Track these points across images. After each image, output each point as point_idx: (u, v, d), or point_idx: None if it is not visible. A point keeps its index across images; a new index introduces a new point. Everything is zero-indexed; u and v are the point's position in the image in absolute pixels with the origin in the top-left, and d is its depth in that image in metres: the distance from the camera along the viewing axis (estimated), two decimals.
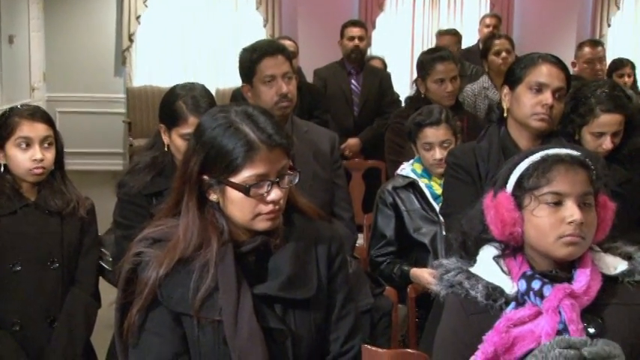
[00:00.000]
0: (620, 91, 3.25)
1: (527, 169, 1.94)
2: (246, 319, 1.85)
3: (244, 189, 1.86)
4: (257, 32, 9.47)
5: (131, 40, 9.85)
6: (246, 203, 1.88)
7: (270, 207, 1.88)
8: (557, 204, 1.89)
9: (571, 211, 1.87)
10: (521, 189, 1.93)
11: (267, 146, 1.85)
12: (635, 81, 6.50)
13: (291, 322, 1.94)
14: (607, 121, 3.13)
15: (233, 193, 1.88)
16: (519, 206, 1.93)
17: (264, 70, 3.16)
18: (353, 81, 6.23)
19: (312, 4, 9.14)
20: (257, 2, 9.65)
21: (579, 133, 3.18)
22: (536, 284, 1.88)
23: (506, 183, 1.97)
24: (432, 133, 3.51)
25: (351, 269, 3.13)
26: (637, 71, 6.73)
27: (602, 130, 3.13)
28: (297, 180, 1.96)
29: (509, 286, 1.93)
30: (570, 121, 3.13)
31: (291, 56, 3.35)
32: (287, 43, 5.45)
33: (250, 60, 3.19)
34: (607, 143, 3.13)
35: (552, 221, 1.88)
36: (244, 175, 1.85)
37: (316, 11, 9.00)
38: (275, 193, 1.88)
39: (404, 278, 3.40)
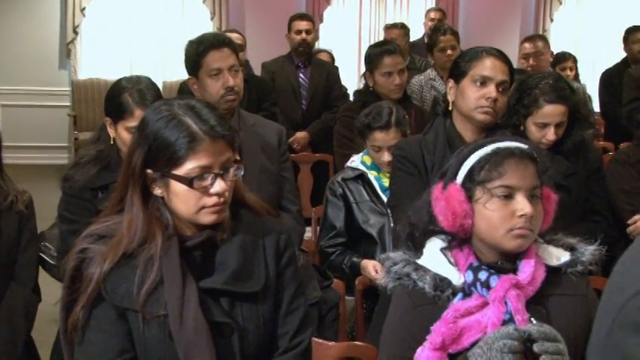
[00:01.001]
0: (564, 83, 3.31)
1: (478, 161, 1.96)
2: (191, 313, 1.84)
3: (187, 181, 1.85)
4: (204, 25, 9.42)
5: (76, 33, 9.70)
6: (190, 196, 1.86)
7: (215, 199, 1.87)
8: (508, 197, 1.92)
9: (522, 204, 1.91)
10: (472, 181, 1.96)
11: (210, 137, 1.85)
12: (577, 75, 6.63)
13: (238, 315, 1.94)
14: (550, 111, 3.18)
15: (177, 186, 1.87)
16: (470, 198, 1.95)
17: (210, 63, 3.14)
18: (301, 74, 6.23)
19: None
20: None
21: (524, 124, 3.23)
22: (482, 275, 1.91)
23: (456, 175, 1.99)
24: (382, 138, 3.52)
25: (299, 262, 3.15)
26: (579, 65, 6.88)
27: (545, 120, 3.18)
28: (242, 173, 1.96)
29: (456, 278, 1.95)
30: (515, 113, 3.18)
31: (237, 49, 3.33)
32: (234, 35, 5.42)
33: (196, 53, 3.17)
34: (550, 134, 3.19)
35: (503, 214, 1.91)
36: (187, 167, 1.85)
37: (264, 4, 8.97)
38: (219, 186, 1.87)
39: (353, 270, 3.43)
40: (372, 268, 3.29)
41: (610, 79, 6.65)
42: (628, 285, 1.11)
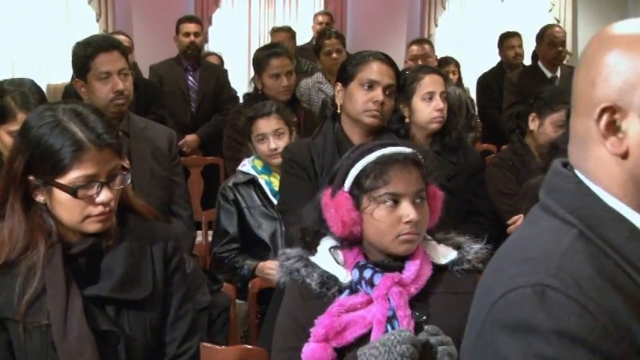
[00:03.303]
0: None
1: (363, 169, 2.01)
2: (75, 322, 1.80)
3: (72, 190, 1.80)
4: (90, 27, 9.19)
5: None
6: (74, 205, 1.82)
7: (100, 209, 1.83)
8: (394, 203, 1.98)
9: (407, 210, 1.97)
10: (359, 189, 2.00)
11: (97, 146, 1.80)
12: (460, 78, 6.84)
13: (124, 323, 1.91)
14: (431, 80, 3.34)
15: (60, 195, 1.82)
16: (357, 206, 2.00)
17: (99, 66, 3.09)
18: (190, 77, 6.18)
19: None
20: None
21: (410, 107, 3.32)
22: (367, 273, 1.97)
23: (344, 182, 2.03)
24: (264, 124, 3.54)
25: (189, 267, 3.13)
26: (462, 69, 7.09)
27: (430, 89, 3.32)
28: (129, 180, 1.92)
29: (344, 275, 2.00)
30: (399, 102, 3.23)
31: (126, 52, 3.29)
32: (121, 38, 5.33)
33: (84, 55, 3.10)
34: (438, 101, 3.32)
35: (390, 221, 1.97)
36: (72, 176, 1.80)
37: (151, 6, 8.83)
38: (105, 195, 1.83)
39: (249, 273, 3.42)
40: (269, 265, 3.30)
41: (486, 84, 6.87)
42: (496, 286, 1.14)
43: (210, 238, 3.91)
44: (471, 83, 7.31)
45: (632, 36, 1.15)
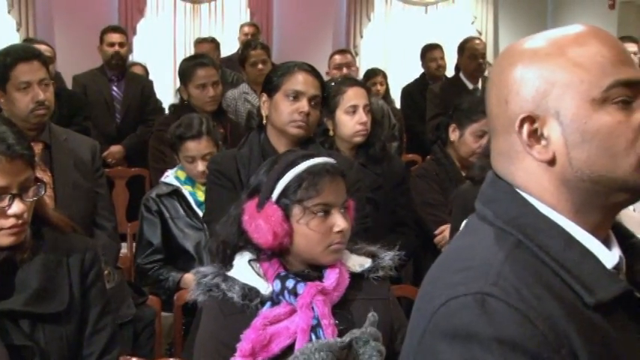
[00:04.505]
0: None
1: (293, 180, 2.01)
2: None
3: None
4: (10, 36, 8.99)
5: None
6: None
7: (13, 221, 1.80)
8: (325, 214, 2.00)
9: (338, 220, 2.00)
10: (289, 199, 2.00)
11: (7, 157, 1.76)
12: (387, 89, 6.92)
13: (40, 338, 1.87)
14: (355, 93, 3.38)
15: None
16: (287, 217, 2.00)
17: (18, 76, 3.03)
18: (114, 88, 6.11)
19: (69, 8, 8.81)
20: (9, 5, 9.15)
21: (333, 120, 3.35)
22: (290, 283, 1.98)
23: (271, 193, 2.03)
24: (194, 147, 3.49)
25: (114, 280, 3.09)
26: (389, 80, 7.18)
27: (354, 102, 3.36)
28: (43, 192, 1.88)
29: (264, 287, 2.01)
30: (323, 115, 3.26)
31: (47, 62, 3.23)
32: (43, 47, 5.22)
33: (4, 65, 3.04)
34: (361, 115, 3.35)
35: (322, 231, 1.99)
36: None
37: (73, 15, 8.69)
38: (17, 207, 1.79)
39: (174, 285, 3.38)
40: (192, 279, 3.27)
41: (410, 95, 6.96)
42: (437, 294, 1.14)
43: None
44: (395, 94, 7.40)
45: (532, 49, 1.19)
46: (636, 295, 1.14)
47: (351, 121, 3.37)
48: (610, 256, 1.17)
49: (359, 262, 2.11)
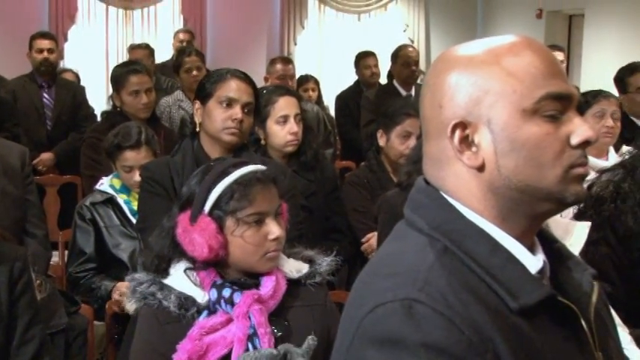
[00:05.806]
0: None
1: (225, 191, 2.00)
2: None
3: None
4: None
5: None
6: None
7: None
8: (259, 223, 1.99)
9: (273, 228, 2.00)
10: (222, 211, 1.99)
11: None
12: (319, 96, 6.96)
13: None
14: (286, 103, 3.39)
15: None
16: (221, 228, 1.99)
17: None
18: (45, 94, 6.02)
19: None
20: None
21: (264, 130, 3.36)
22: (226, 292, 1.97)
23: (203, 205, 2.01)
24: (132, 157, 3.45)
25: (46, 290, 3.04)
26: (322, 87, 7.23)
27: (284, 112, 3.37)
28: None
29: (201, 296, 2.00)
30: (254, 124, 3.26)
31: None
32: None
33: None
34: (292, 125, 3.37)
35: (257, 240, 1.99)
36: None
37: (3, 21, 8.52)
38: None
39: (106, 294, 3.33)
40: (124, 289, 3.24)
41: (344, 102, 6.97)
42: (366, 300, 1.15)
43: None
44: (330, 101, 7.45)
45: (468, 56, 1.21)
46: (559, 300, 1.17)
47: (282, 131, 3.38)
48: (534, 262, 1.20)
49: (296, 268, 2.11)
